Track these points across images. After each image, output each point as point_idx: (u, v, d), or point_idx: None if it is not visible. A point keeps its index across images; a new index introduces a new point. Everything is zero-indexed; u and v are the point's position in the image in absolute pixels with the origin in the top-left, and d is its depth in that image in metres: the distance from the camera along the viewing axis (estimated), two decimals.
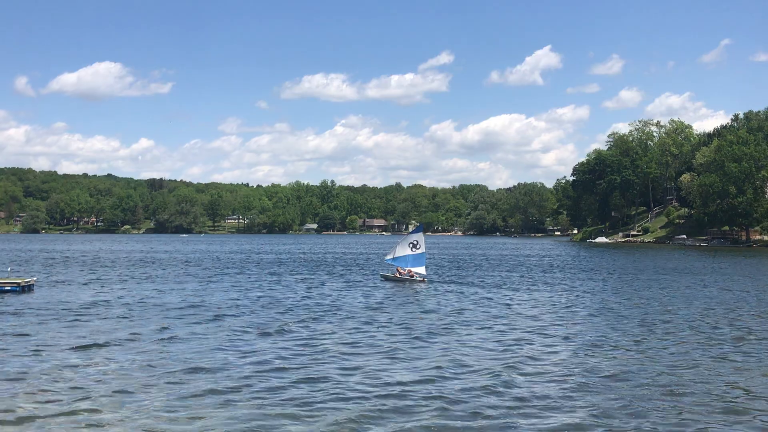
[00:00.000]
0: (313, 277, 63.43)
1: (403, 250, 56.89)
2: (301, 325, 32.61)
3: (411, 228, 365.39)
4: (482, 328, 31.76)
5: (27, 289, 47.43)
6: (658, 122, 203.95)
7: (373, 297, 45.11)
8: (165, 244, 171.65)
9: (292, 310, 38.07)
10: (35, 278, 52.45)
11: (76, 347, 26.58)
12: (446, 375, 22.16)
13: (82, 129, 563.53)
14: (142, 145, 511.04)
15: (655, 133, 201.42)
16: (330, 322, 33.42)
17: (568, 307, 40.12)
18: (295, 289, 50.50)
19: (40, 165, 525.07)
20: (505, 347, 27.12)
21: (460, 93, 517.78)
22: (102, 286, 52.19)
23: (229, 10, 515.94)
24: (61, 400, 19.08)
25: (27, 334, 29.38)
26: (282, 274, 66.84)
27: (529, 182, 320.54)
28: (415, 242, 56.49)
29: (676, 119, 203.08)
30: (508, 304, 41.40)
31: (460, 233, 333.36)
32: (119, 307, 38.81)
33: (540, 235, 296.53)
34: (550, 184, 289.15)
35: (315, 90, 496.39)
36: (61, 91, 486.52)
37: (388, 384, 20.93)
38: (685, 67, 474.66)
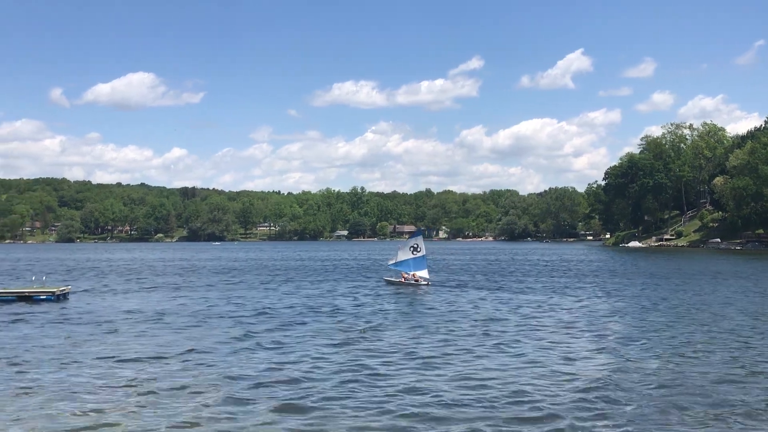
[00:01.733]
0: (366, 282, 63.51)
1: (405, 255, 58.30)
2: (375, 331, 32.59)
3: (441, 234, 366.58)
4: (560, 334, 31.65)
5: (62, 297, 48.04)
6: (691, 125, 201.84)
7: (432, 302, 45.15)
8: (202, 251, 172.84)
9: (360, 316, 38.05)
10: (69, 287, 53.09)
11: (155, 356, 26.59)
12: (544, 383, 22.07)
13: (115, 139, 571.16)
14: (175, 154, 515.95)
15: (687, 136, 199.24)
16: (409, 328, 33.40)
17: (637, 313, 39.64)
18: (353, 296, 50.64)
19: (75, 175, 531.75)
20: (590, 354, 27.04)
21: (491, 98, 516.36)
22: (147, 295, 52.67)
23: (259, 19, 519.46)
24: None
25: (82, 342, 29.58)
26: (339, 280, 66.99)
27: (560, 187, 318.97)
28: (415, 246, 57.88)
29: (709, 122, 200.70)
30: (570, 310, 41.24)
31: (491, 239, 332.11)
32: (182, 316, 38.98)
33: (572, 239, 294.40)
34: (582, 189, 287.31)
35: (345, 97, 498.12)
36: (95, 102, 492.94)
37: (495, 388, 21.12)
38: (718, 70, 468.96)
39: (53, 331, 33.15)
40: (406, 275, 57.98)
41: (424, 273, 57.74)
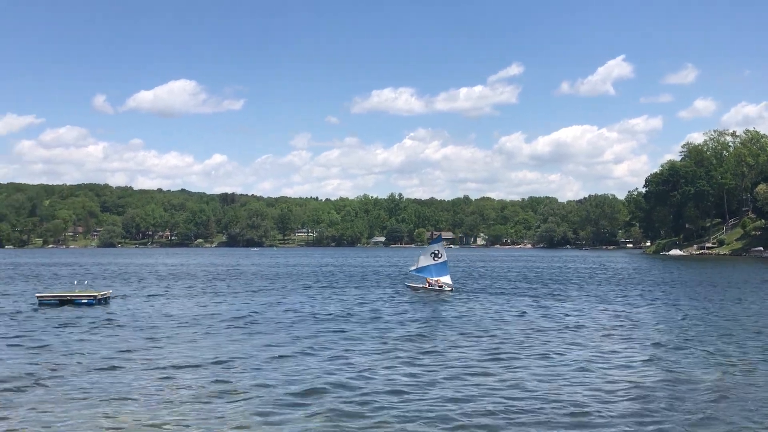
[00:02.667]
0: (406, 289, 62.84)
1: (426, 261, 58.85)
2: (422, 338, 32.46)
3: (479, 241, 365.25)
4: (607, 343, 31.42)
5: (103, 301, 48.69)
6: (734, 132, 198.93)
7: (475, 309, 45.09)
8: (243, 257, 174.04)
9: (403, 323, 38.00)
10: (111, 291, 53.79)
11: (214, 361, 26.67)
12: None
13: (157, 145, 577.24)
14: (215, 160, 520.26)
15: (730, 143, 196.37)
16: (457, 335, 33.25)
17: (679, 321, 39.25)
18: (394, 302, 50.66)
19: (117, 181, 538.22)
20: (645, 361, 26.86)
21: (530, 104, 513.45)
22: (189, 299, 53.11)
23: (299, 27, 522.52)
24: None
25: (135, 349, 29.89)
26: (380, 287, 66.94)
27: (600, 194, 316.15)
28: (436, 252, 58.57)
29: (751, 129, 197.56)
30: (616, 318, 40.95)
31: (529, 246, 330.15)
32: (224, 321, 39.17)
33: (612, 247, 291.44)
34: (622, 196, 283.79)
35: (384, 104, 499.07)
36: (138, 109, 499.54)
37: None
38: (762, 76, 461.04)
39: (95, 335, 33.50)
40: (430, 281, 58.20)
41: (447, 279, 58.09)
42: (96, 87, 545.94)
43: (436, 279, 57.88)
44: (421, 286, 59.52)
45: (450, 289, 57.48)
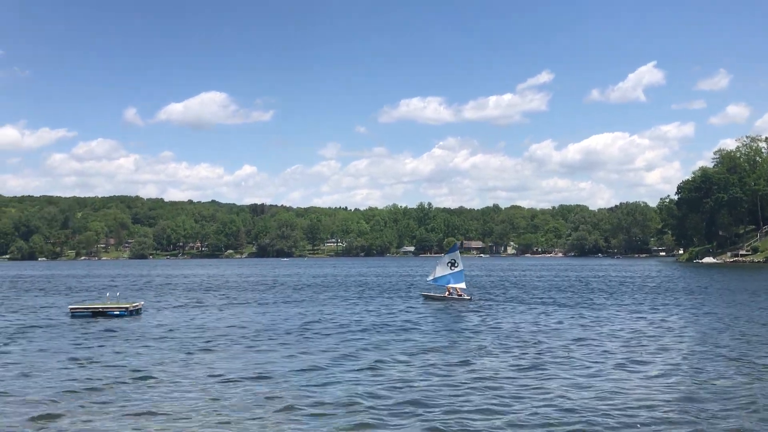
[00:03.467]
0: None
1: (443, 270, 59.65)
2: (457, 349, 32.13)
3: (509, 250, 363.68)
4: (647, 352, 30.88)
5: (135, 312, 48.90)
6: (767, 138, 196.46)
7: (514, 320, 44.57)
8: (274, 267, 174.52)
9: (440, 332, 37.72)
10: (142, 302, 54.03)
11: (254, 375, 26.36)
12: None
13: (188, 157, 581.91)
14: (245, 171, 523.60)
15: (763, 149, 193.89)
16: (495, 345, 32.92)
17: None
18: (432, 313, 50.22)
19: (148, 192, 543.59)
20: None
21: (560, 112, 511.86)
22: (221, 310, 53.19)
23: (328, 38, 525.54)
24: None
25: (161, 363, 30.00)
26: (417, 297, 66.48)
27: (631, 201, 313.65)
28: (453, 261, 59.30)
29: None
30: (656, 325, 40.72)
31: (560, 255, 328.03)
32: (258, 332, 39.02)
33: (644, 255, 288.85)
34: (654, 204, 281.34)
35: (412, 113, 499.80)
36: (169, 121, 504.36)
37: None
38: None
39: (127, 347, 33.52)
40: (450, 289, 58.90)
41: (461, 285, 58.93)
42: (127, 100, 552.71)
43: (454, 287, 58.73)
44: (440, 295, 60.03)
45: (469, 297, 58.44)
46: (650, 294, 67.76)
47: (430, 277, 61.67)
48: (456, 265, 59.00)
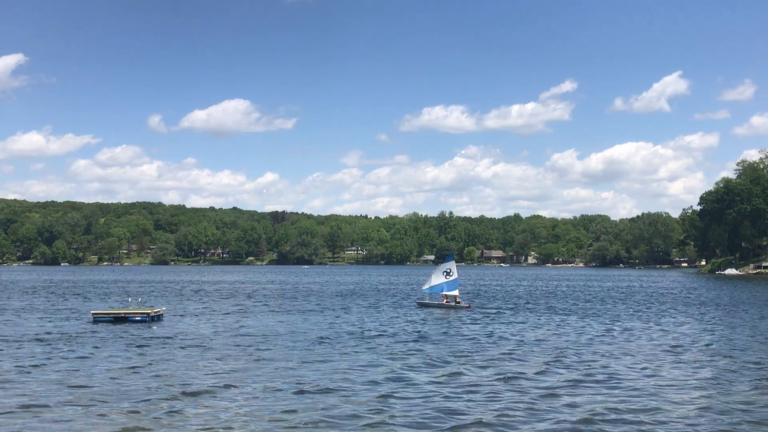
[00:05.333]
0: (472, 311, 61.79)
1: (438, 279, 61.55)
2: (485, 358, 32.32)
3: (530, 260, 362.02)
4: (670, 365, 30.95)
5: (156, 318, 49.29)
6: None
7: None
8: (295, 275, 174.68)
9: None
10: (164, 308, 54.44)
11: (287, 382, 26.76)
12: None
13: (211, 164, 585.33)
14: (267, 178, 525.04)
15: None
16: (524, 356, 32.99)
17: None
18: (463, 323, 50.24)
19: (171, 199, 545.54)
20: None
21: (583, 121, 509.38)
22: (241, 317, 53.57)
23: (350, 46, 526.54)
24: None
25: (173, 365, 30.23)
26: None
27: (653, 212, 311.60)
28: (448, 270, 61.08)
29: None
30: (679, 336, 40.61)
31: (581, 265, 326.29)
32: (283, 339, 39.33)
33: (666, 266, 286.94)
34: (677, 214, 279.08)
35: (434, 122, 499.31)
36: (192, 128, 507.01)
37: None
38: None
39: (148, 352, 33.84)
40: (447, 297, 60.68)
41: (455, 293, 60.88)
42: (151, 107, 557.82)
43: (453, 294, 60.64)
44: (436, 303, 61.77)
45: (467, 305, 60.24)
46: (674, 305, 67.42)
47: (426, 286, 63.42)
48: (451, 274, 60.69)
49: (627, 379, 27.09)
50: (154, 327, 44.97)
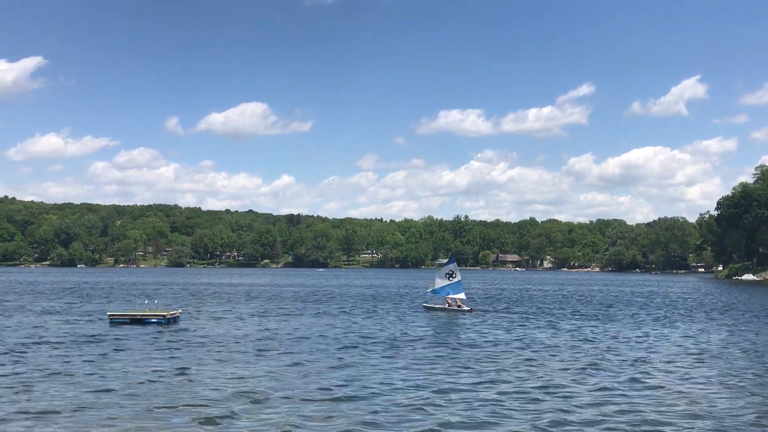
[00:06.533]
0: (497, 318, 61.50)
1: (441, 282, 62.09)
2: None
3: (546, 264, 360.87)
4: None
5: (172, 321, 49.44)
6: None
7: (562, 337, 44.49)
8: (310, 278, 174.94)
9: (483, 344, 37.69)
10: (180, 310, 54.59)
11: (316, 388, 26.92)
12: None
13: (227, 167, 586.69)
14: (283, 181, 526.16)
15: None
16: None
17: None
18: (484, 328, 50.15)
19: (187, 201, 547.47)
20: None
21: (601, 125, 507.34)
22: (259, 319, 53.66)
23: (366, 50, 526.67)
24: None
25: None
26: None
27: (670, 217, 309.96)
28: (450, 272, 61.62)
29: None
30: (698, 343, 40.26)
31: (597, 269, 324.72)
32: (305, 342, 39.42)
33: (683, 271, 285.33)
34: (694, 219, 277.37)
35: (451, 125, 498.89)
36: (209, 131, 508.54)
37: None
38: None
39: (171, 354, 33.94)
40: (449, 300, 61.17)
41: (461, 296, 61.03)
42: (169, 110, 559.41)
43: (453, 297, 60.96)
44: (439, 306, 62.24)
45: (469, 309, 60.25)
46: (690, 311, 67.10)
47: (429, 289, 64.02)
48: (454, 276, 61.16)
49: (663, 384, 27.07)
50: (171, 329, 45.08)
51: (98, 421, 20.22)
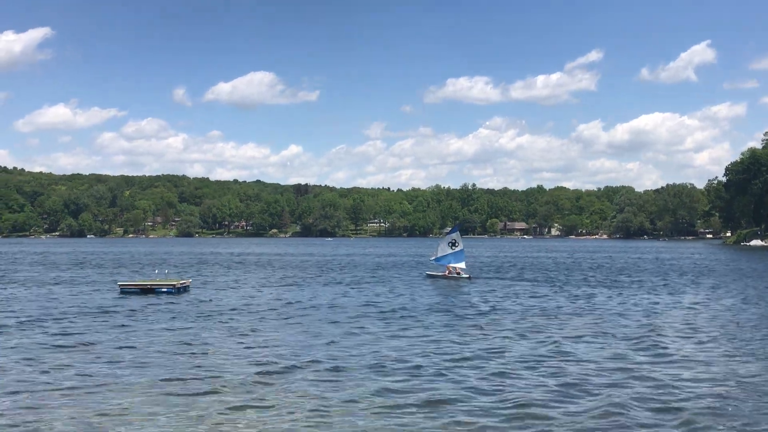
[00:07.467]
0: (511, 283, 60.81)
1: (444, 250, 62.61)
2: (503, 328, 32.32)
3: (553, 232, 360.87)
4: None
5: (182, 290, 49.91)
6: None
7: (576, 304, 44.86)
8: (319, 247, 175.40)
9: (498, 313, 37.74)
10: (190, 280, 55.04)
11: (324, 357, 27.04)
12: None
13: (235, 137, 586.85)
14: (291, 151, 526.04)
15: None
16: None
17: None
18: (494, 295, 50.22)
19: (195, 172, 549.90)
20: None
21: (609, 92, 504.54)
22: (269, 288, 54.05)
23: (374, 18, 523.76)
24: None
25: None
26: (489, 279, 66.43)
27: (678, 183, 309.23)
28: (453, 241, 62.23)
29: None
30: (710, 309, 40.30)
31: (605, 236, 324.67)
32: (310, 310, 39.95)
33: (690, 238, 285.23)
34: (703, 185, 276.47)
35: (459, 93, 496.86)
36: (217, 101, 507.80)
37: None
38: None
39: (175, 324, 34.31)
40: (450, 268, 61.49)
41: (462, 265, 61.32)
42: (176, 80, 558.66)
43: (454, 266, 61.32)
44: (440, 274, 62.71)
45: (468, 276, 60.56)
46: (700, 277, 67.24)
47: (432, 257, 64.72)
48: (456, 245, 61.58)
49: (681, 350, 27.01)
50: (182, 299, 45.48)
51: (115, 393, 20.01)
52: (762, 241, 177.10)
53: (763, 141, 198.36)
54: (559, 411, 18.22)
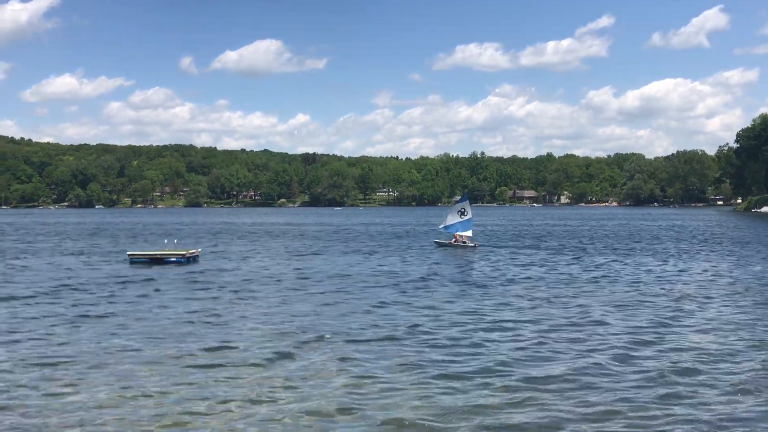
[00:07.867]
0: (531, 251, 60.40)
1: (453, 218, 63.21)
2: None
3: (563, 200, 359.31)
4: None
5: (192, 260, 49.22)
6: None
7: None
8: (332, 216, 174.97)
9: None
10: (199, 249, 54.38)
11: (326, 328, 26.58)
12: None
13: (242, 106, 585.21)
14: (299, 120, 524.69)
15: None
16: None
17: None
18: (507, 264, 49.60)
19: (203, 141, 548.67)
20: None
21: (620, 57, 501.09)
22: (275, 258, 53.46)
23: None
24: None
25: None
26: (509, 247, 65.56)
27: (689, 150, 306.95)
28: (462, 210, 62.56)
29: None
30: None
31: (615, 204, 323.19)
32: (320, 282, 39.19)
33: (701, 204, 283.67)
34: (714, 152, 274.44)
35: (468, 60, 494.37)
36: (224, 69, 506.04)
37: None
38: None
39: (187, 293, 33.61)
40: (457, 236, 62.12)
41: (468, 233, 62.06)
42: (183, 49, 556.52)
43: (461, 234, 61.93)
44: (447, 242, 63.44)
45: (473, 245, 61.22)
46: (712, 244, 66.40)
47: (441, 225, 65.51)
48: (465, 213, 62.06)
49: (707, 316, 26.51)
50: (192, 269, 44.79)
51: (131, 366, 19.37)
52: None
53: None
54: (606, 381, 17.60)
